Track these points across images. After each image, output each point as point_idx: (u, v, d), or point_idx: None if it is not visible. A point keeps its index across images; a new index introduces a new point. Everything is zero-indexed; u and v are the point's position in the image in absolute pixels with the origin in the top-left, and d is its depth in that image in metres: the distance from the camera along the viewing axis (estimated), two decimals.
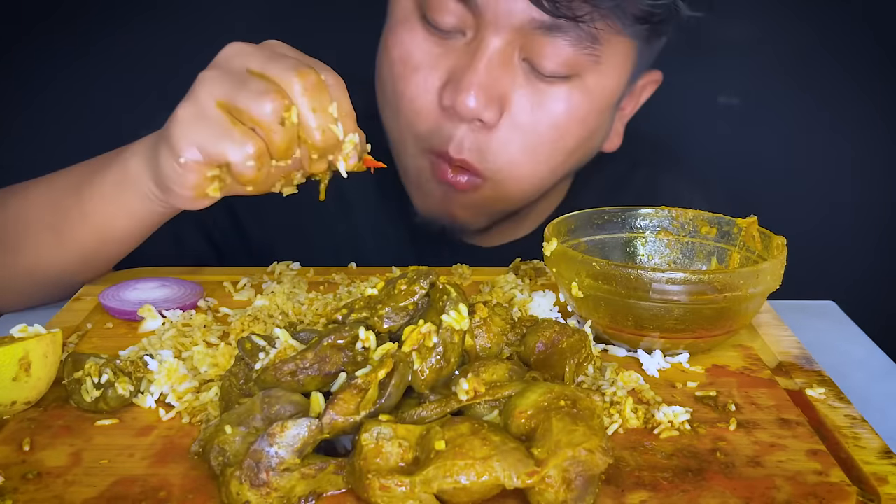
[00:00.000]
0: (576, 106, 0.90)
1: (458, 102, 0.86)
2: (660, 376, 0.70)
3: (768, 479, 0.55)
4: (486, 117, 0.87)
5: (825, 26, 1.46)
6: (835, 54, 1.47)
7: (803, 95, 1.50)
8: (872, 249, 1.56)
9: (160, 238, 0.88)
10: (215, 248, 1.12)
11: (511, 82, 0.88)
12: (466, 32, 0.88)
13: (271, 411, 0.54)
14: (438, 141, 0.91)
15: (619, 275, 0.68)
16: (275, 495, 0.50)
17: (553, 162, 0.94)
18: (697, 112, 1.52)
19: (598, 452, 0.51)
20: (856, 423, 0.62)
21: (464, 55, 0.88)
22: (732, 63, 1.49)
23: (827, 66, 1.48)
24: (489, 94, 0.87)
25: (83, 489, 0.53)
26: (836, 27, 1.46)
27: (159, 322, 0.77)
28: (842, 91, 1.49)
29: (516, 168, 0.92)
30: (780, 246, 0.74)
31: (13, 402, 0.61)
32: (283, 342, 0.61)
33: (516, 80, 0.88)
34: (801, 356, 0.73)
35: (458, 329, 0.59)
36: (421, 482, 0.49)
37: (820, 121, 1.51)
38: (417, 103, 0.91)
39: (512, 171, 0.92)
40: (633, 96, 1.02)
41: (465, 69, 0.87)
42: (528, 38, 0.86)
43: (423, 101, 0.91)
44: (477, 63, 0.86)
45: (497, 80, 0.87)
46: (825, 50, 1.47)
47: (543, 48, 0.86)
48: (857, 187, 1.54)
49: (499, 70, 0.87)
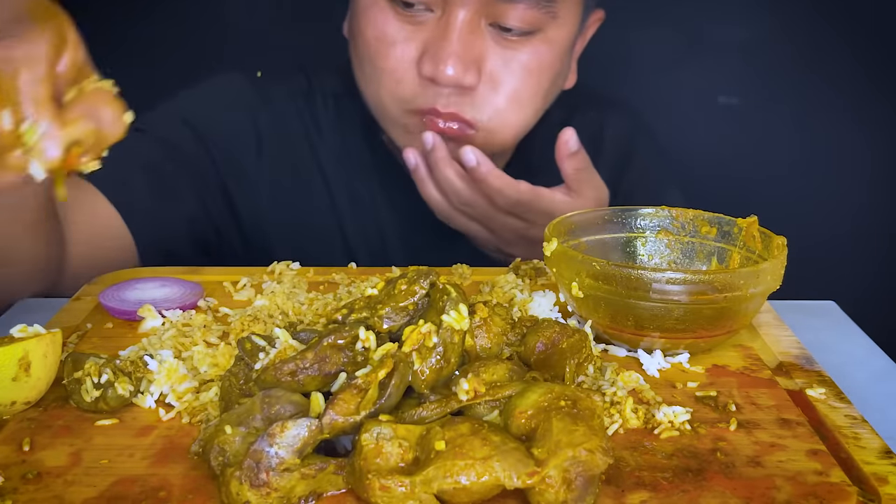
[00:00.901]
0: (542, 55, 1.01)
1: (438, 72, 0.96)
2: (660, 376, 0.69)
3: (768, 479, 0.55)
4: (467, 82, 0.97)
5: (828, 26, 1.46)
6: (836, 55, 1.47)
7: (804, 95, 1.50)
8: (872, 249, 1.56)
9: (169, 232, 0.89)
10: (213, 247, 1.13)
11: (482, 46, 0.98)
12: (434, 9, 0.97)
13: (271, 411, 0.54)
14: (423, 101, 0.99)
15: (620, 275, 0.68)
16: (275, 495, 0.50)
17: (535, 104, 1.04)
18: (698, 112, 1.52)
19: (598, 452, 0.51)
20: (856, 423, 0.62)
21: (435, 28, 0.97)
22: (733, 63, 1.49)
23: (828, 66, 1.48)
24: (465, 60, 0.96)
25: (83, 489, 0.53)
26: (838, 27, 1.46)
27: (159, 322, 0.77)
28: (843, 91, 1.49)
29: (504, 116, 1.01)
30: (780, 246, 0.74)
31: (13, 402, 0.61)
32: (283, 342, 0.61)
33: (486, 43, 0.98)
34: (801, 356, 0.73)
35: (458, 329, 0.59)
36: (421, 482, 0.49)
37: (821, 121, 1.51)
38: (398, 73, 0.99)
39: (501, 120, 1.01)
40: (583, 36, 1.12)
41: (439, 41, 0.96)
42: (492, 6, 0.96)
43: (402, 72, 0.99)
44: (450, 34, 0.95)
45: (470, 46, 0.97)
46: (827, 50, 1.47)
47: (507, 12, 0.96)
48: (857, 187, 1.54)
49: (470, 37, 0.96)
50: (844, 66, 1.47)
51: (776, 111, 1.53)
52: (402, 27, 0.98)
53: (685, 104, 1.50)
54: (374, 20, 0.99)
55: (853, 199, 1.54)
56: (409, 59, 0.98)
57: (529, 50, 1.00)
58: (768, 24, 1.48)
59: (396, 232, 1.16)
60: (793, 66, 1.49)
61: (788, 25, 1.47)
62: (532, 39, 0.99)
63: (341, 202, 1.15)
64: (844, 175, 1.53)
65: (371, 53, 1.01)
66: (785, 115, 1.53)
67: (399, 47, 0.98)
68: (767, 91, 1.52)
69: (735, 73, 1.51)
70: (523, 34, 0.98)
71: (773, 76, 1.50)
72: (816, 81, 1.49)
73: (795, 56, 1.48)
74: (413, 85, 0.99)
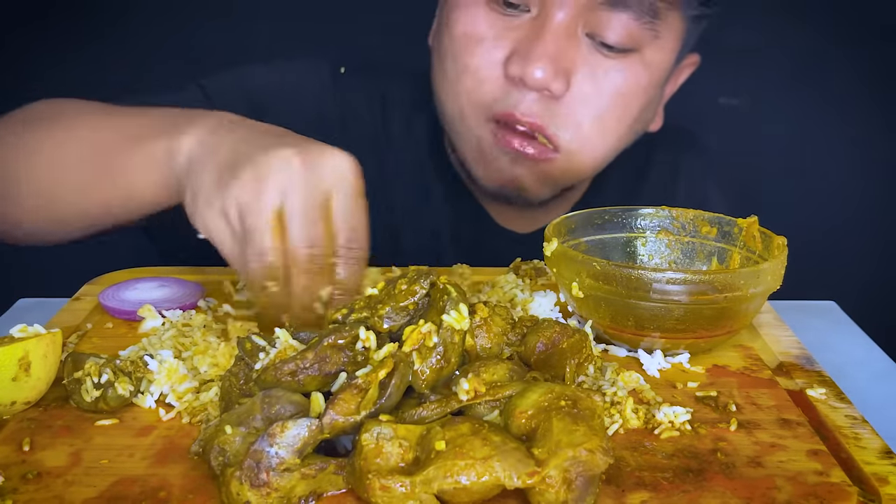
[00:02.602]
0: (636, 77, 0.93)
1: (526, 73, 0.89)
2: (660, 376, 0.69)
3: (769, 479, 0.55)
4: (555, 88, 0.90)
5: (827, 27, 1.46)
6: (837, 55, 1.47)
7: (805, 96, 1.50)
8: (872, 249, 1.56)
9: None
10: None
11: (576, 55, 0.91)
12: (531, 8, 0.91)
13: (271, 411, 0.54)
14: (503, 105, 0.93)
15: (620, 275, 0.68)
16: (275, 495, 0.50)
17: (619, 132, 0.96)
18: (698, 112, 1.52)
19: (598, 452, 0.51)
20: (856, 423, 0.62)
21: (529, 29, 0.91)
22: (735, 64, 1.49)
23: (829, 67, 1.48)
24: (556, 65, 0.89)
25: (83, 489, 0.53)
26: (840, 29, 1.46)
27: (159, 322, 0.77)
28: (843, 92, 1.49)
29: (587, 139, 0.94)
30: (780, 246, 0.74)
31: (13, 402, 0.61)
32: (283, 342, 0.61)
33: (580, 52, 0.91)
34: (801, 356, 0.73)
35: (458, 329, 0.58)
36: (421, 482, 0.49)
37: (821, 121, 1.51)
38: (482, 73, 0.93)
39: (583, 141, 0.94)
40: (674, 77, 1.04)
41: (531, 41, 0.90)
42: (592, 13, 0.89)
43: (487, 72, 0.93)
44: (544, 35, 0.89)
45: (563, 51, 0.90)
46: (828, 52, 1.47)
47: (607, 22, 0.89)
48: (857, 187, 1.54)
49: (564, 43, 0.90)
50: (845, 67, 1.47)
51: (776, 112, 1.53)
52: (493, 24, 0.92)
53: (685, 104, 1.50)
54: (463, 16, 0.94)
55: (853, 199, 1.54)
56: (496, 58, 0.92)
57: (624, 68, 0.92)
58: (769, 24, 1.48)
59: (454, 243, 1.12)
60: (794, 66, 1.49)
61: (789, 26, 1.47)
62: (629, 58, 0.92)
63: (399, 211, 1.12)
64: (845, 175, 1.53)
65: (457, 50, 0.94)
66: (785, 115, 1.53)
67: (487, 45, 0.92)
68: (768, 91, 1.52)
69: (736, 73, 1.51)
70: (621, 51, 0.91)
71: (773, 76, 1.50)
72: (817, 82, 1.49)
73: (796, 56, 1.48)
74: (496, 87, 0.93)
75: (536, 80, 0.89)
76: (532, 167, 0.95)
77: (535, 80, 0.89)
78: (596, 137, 0.95)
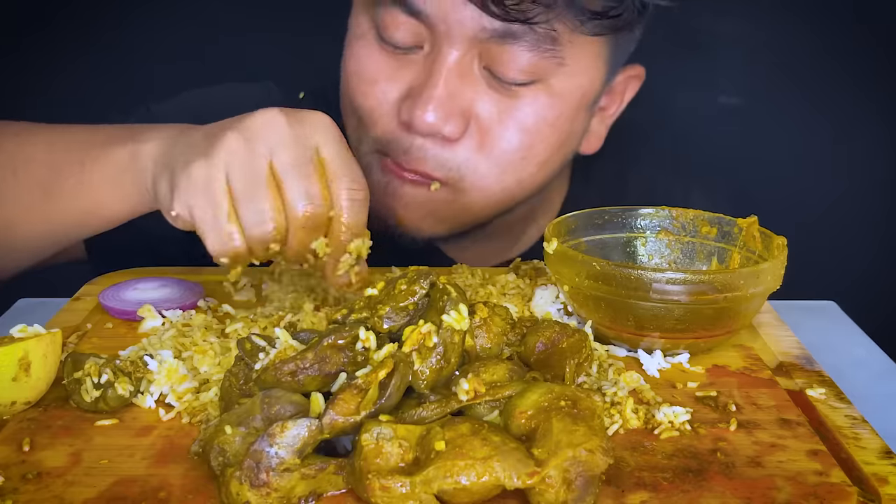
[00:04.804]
0: (543, 111, 0.86)
1: (415, 118, 0.83)
2: (660, 376, 0.69)
3: (769, 479, 0.55)
4: (448, 132, 0.84)
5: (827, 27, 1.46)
6: (836, 56, 1.47)
7: (804, 96, 1.50)
8: (872, 249, 1.56)
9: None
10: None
11: (473, 92, 0.85)
12: (423, 46, 0.85)
13: (271, 411, 0.54)
14: (391, 148, 0.88)
15: (620, 275, 0.68)
16: (275, 496, 0.50)
17: (523, 172, 0.90)
18: (698, 112, 1.52)
19: (598, 453, 0.51)
20: (856, 423, 0.62)
21: (422, 69, 0.85)
22: (734, 63, 1.49)
23: (828, 66, 1.48)
24: (449, 107, 0.83)
25: (83, 489, 0.53)
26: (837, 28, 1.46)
27: (159, 322, 0.77)
28: (843, 92, 1.49)
29: (481, 179, 0.88)
30: (780, 246, 0.74)
31: (13, 402, 0.61)
32: (283, 342, 0.61)
33: (478, 90, 0.85)
34: (801, 356, 0.73)
35: (458, 329, 0.58)
36: (421, 482, 0.49)
37: (821, 121, 1.51)
38: (376, 114, 0.88)
39: (476, 181, 0.88)
40: (615, 94, 0.98)
41: (423, 83, 0.84)
42: (485, 47, 0.82)
43: (381, 112, 0.88)
44: (435, 77, 0.83)
45: (458, 92, 0.84)
46: (826, 51, 1.47)
47: (501, 55, 0.82)
48: (857, 187, 1.54)
49: (459, 82, 0.84)
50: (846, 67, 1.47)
51: (776, 112, 1.53)
52: (386, 65, 0.86)
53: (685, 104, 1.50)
54: (357, 54, 0.88)
55: (853, 199, 1.54)
56: (390, 100, 0.86)
57: (529, 101, 0.85)
58: (769, 24, 1.48)
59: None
60: (793, 66, 1.49)
61: (789, 26, 1.47)
62: (533, 90, 0.85)
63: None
64: (845, 175, 1.53)
65: (351, 88, 0.89)
66: (785, 115, 1.53)
67: (380, 86, 0.86)
68: (768, 91, 1.52)
69: (736, 73, 1.51)
70: (522, 83, 0.84)
71: (773, 76, 1.50)
72: (817, 82, 1.49)
73: (796, 57, 1.48)
74: (391, 127, 0.87)
75: (427, 125, 0.83)
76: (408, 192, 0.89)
77: (425, 125, 0.83)
78: (491, 177, 0.88)
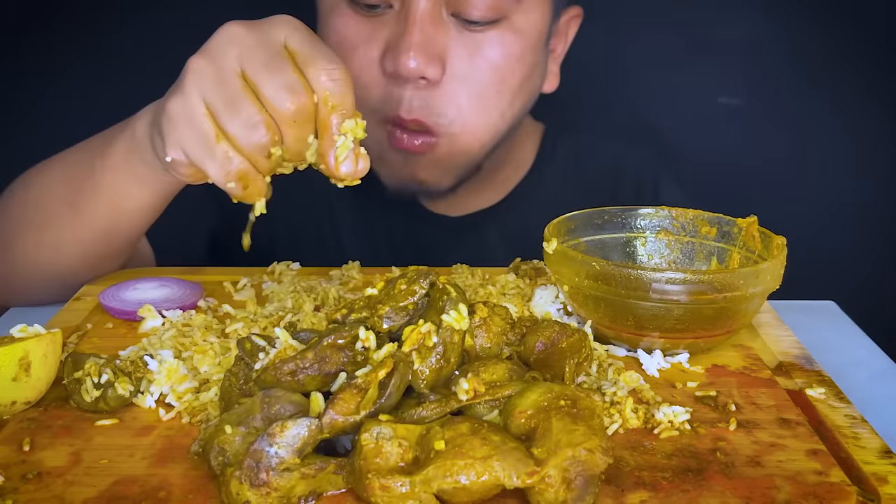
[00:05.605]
0: (510, 46, 0.95)
1: (399, 65, 0.91)
2: (660, 376, 0.70)
3: (768, 478, 0.55)
4: (430, 74, 0.92)
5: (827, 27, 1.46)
6: (836, 55, 1.47)
7: (804, 95, 1.50)
8: (872, 249, 1.56)
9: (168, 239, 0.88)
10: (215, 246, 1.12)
11: (445, 37, 0.93)
12: (393, 4, 0.93)
13: (271, 411, 0.54)
14: (390, 107, 0.95)
15: (619, 275, 0.68)
16: (275, 495, 0.50)
17: (501, 105, 0.98)
18: (698, 112, 1.52)
19: (598, 452, 0.51)
20: (856, 422, 0.62)
21: (396, 24, 0.92)
22: (734, 63, 1.49)
23: (828, 66, 1.48)
24: (427, 52, 0.91)
25: (83, 489, 0.53)
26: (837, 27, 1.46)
27: (159, 322, 0.77)
28: (843, 91, 1.49)
29: (466, 118, 0.96)
30: (780, 246, 0.74)
31: (13, 402, 0.61)
32: (283, 342, 0.61)
33: (449, 34, 0.93)
34: (801, 356, 0.73)
35: (457, 329, 0.59)
36: (421, 482, 0.49)
37: (821, 121, 1.51)
38: (363, 78, 0.95)
39: (463, 122, 0.96)
40: (560, 35, 1.06)
41: (400, 35, 0.91)
42: None
43: (368, 75, 0.95)
44: (410, 26, 0.91)
45: (432, 38, 0.92)
46: (826, 50, 1.47)
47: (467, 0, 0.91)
48: (857, 187, 1.54)
49: (431, 29, 0.92)
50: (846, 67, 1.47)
51: (776, 112, 1.53)
52: (362, 28, 0.94)
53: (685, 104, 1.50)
54: (334, 26, 0.96)
55: (853, 199, 1.54)
56: (373, 60, 0.94)
57: (495, 41, 0.94)
58: (769, 24, 1.48)
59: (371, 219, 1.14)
60: (794, 66, 1.49)
61: (789, 26, 1.47)
62: (498, 28, 0.94)
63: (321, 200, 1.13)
64: (845, 175, 1.53)
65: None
66: (785, 115, 1.52)
67: (361, 49, 0.94)
68: (768, 91, 1.52)
69: (736, 73, 1.51)
70: (488, 23, 0.93)
71: (773, 76, 1.50)
72: (818, 82, 1.49)
73: (796, 56, 1.48)
74: (379, 88, 0.95)
75: (410, 70, 0.91)
76: (420, 159, 0.97)
77: (409, 70, 0.91)
78: (475, 115, 0.96)
